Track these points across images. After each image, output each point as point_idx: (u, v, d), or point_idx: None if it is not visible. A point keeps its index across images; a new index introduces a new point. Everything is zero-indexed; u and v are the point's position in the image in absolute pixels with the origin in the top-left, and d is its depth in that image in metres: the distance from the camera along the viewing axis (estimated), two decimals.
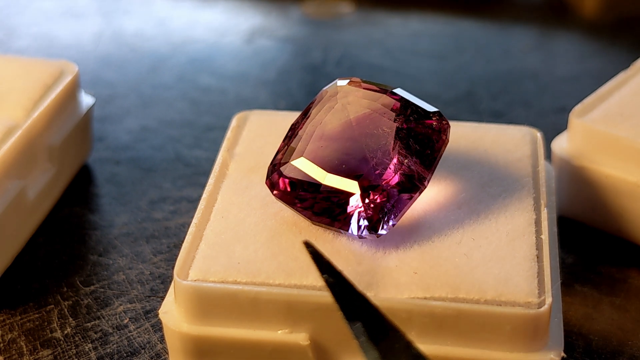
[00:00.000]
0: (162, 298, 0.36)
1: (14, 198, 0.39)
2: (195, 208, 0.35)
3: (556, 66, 0.56)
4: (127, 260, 0.40)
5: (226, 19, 0.62)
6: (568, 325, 0.36)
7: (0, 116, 0.40)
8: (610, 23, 0.61)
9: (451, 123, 0.35)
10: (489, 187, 0.35)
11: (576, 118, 0.40)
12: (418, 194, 0.32)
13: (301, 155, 0.33)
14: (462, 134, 0.38)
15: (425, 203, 0.34)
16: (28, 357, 0.36)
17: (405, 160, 0.32)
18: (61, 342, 0.36)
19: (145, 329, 0.37)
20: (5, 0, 0.64)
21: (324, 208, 0.32)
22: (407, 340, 0.27)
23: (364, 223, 0.32)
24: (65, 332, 0.37)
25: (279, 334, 0.32)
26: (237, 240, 0.33)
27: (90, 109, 0.46)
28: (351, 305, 0.28)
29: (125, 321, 0.37)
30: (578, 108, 0.41)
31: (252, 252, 0.33)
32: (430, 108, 0.34)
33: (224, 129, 0.41)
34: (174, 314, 0.32)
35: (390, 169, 0.32)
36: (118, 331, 0.37)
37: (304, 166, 0.33)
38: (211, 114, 0.51)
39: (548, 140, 0.41)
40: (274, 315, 0.31)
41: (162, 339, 0.36)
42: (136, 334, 0.37)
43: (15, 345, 0.36)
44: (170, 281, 0.34)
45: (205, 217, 0.34)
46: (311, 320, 0.31)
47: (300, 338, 0.31)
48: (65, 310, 0.38)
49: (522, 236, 0.33)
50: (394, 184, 0.32)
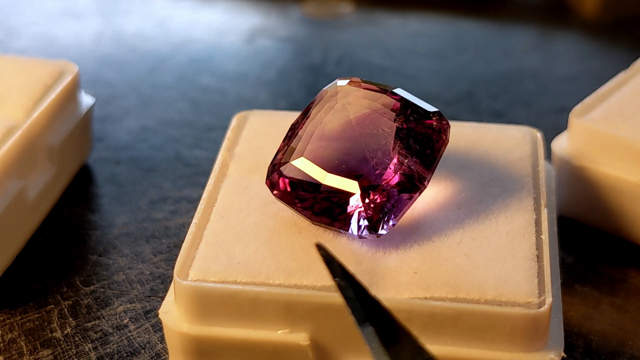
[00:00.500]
0: (162, 298, 0.36)
1: (14, 198, 0.39)
2: (195, 208, 0.35)
3: (556, 66, 0.56)
4: (127, 260, 0.40)
5: (226, 19, 0.62)
6: (568, 325, 0.36)
7: (0, 116, 0.40)
8: (610, 23, 0.61)
9: (451, 123, 0.35)
10: (489, 187, 0.35)
11: (576, 118, 0.40)
12: (418, 194, 0.32)
13: (301, 155, 0.33)
14: (462, 134, 0.38)
15: (425, 203, 0.34)
16: (28, 357, 0.36)
17: (405, 160, 0.32)
18: (61, 342, 0.36)
19: (145, 329, 0.37)
20: (5, 0, 0.64)
21: (324, 208, 0.32)
22: (420, 344, 0.27)
23: (364, 223, 0.32)
24: (65, 332, 0.37)
25: (279, 334, 0.31)
26: (237, 240, 0.33)
27: (90, 109, 0.46)
28: (362, 309, 0.28)
29: (125, 321, 0.37)
30: (578, 108, 0.41)
31: (252, 252, 0.32)
32: (430, 108, 0.34)
33: (224, 129, 0.41)
34: (174, 314, 0.32)
35: (390, 169, 0.32)
36: (118, 331, 0.37)
37: (304, 166, 0.33)
38: (211, 114, 0.51)
39: (548, 140, 0.41)
40: (274, 315, 0.31)
41: (162, 339, 0.36)
42: (136, 334, 0.37)
43: (15, 345, 0.36)
44: (170, 281, 0.34)
45: (205, 217, 0.34)
46: (311, 320, 0.31)
47: (300, 338, 0.31)
48: (65, 310, 0.38)
49: (522, 236, 0.33)
50: (394, 184, 0.32)
